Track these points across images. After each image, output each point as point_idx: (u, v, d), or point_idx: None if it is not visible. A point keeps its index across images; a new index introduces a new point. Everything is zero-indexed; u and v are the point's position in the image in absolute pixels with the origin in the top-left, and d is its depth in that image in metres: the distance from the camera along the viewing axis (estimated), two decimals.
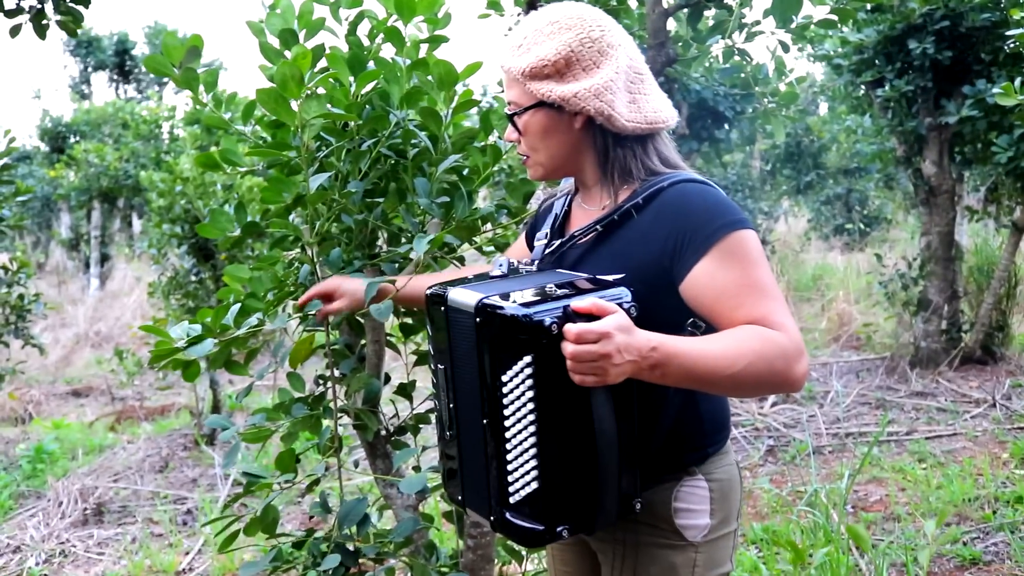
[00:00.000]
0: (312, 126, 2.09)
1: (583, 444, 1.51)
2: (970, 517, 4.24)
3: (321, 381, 2.43)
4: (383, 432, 2.55)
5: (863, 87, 7.56)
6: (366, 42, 2.31)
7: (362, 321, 2.49)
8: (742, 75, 3.03)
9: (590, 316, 1.41)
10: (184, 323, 2.15)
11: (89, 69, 24.41)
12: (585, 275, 1.62)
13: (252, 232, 2.35)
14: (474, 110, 2.40)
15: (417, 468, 2.46)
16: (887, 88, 6.97)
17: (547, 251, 1.79)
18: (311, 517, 2.28)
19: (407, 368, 2.58)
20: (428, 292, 1.69)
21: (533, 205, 2.43)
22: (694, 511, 1.68)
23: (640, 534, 1.68)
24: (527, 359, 1.44)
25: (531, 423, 1.48)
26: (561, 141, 1.70)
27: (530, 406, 1.47)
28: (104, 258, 15.64)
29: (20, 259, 6.61)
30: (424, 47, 2.30)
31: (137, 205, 16.26)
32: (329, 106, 2.13)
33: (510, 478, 1.51)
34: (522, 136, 1.74)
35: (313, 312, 2.28)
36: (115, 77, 24.32)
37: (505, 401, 1.48)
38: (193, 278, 6.39)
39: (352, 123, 2.18)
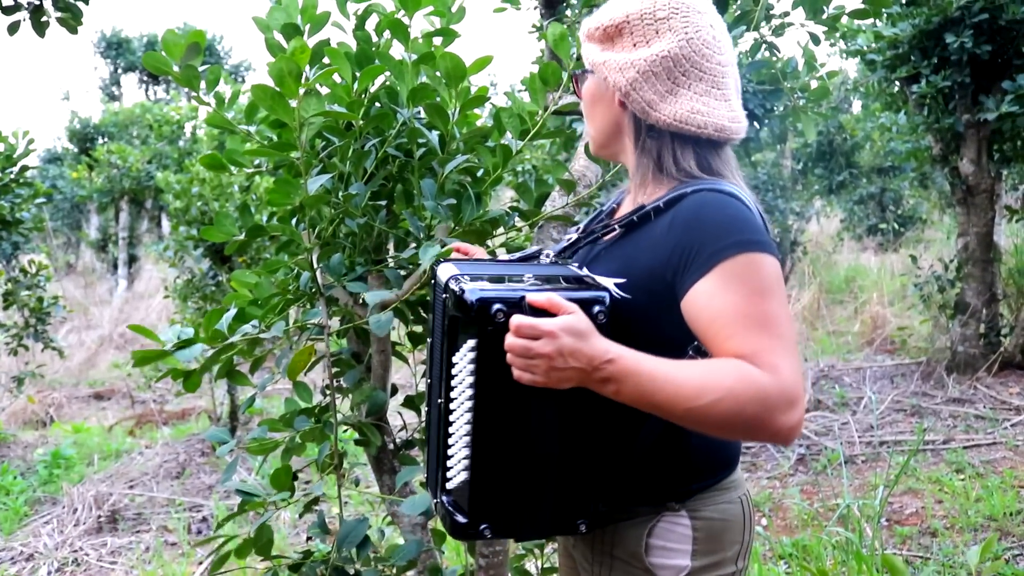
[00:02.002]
0: (311, 125, 1.97)
1: (520, 445, 1.45)
2: (1012, 532, 4.05)
3: (327, 392, 2.32)
4: (390, 446, 2.43)
5: (898, 83, 7.36)
6: (375, 38, 2.20)
7: (368, 329, 2.37)
8: (771, 70, 2.88)
9: (546, 312, 1.34)
10: (176, 326, 2.05)
11: (119, 71, 24.59)
12: (582, 273, 1.53)
13: (257, 236, 2.25)
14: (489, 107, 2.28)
15: (424, 484, 2.34)
16: (923, 84, 6.77)
17: (566, 244, 1.71)
18: (309, 538, 2.16)
19: (415, 379, 2.46)
20: (431, 265, 1.67)
21: (548, 207, 2.30)
22: (671, 550, 1.53)
23: (614, 569, 1.56)
24: (471, 343, 1.39)
25: (469, 410, 1.42)
26: (604, 114, 1.62)
27: (469, 391, 1.42)
28: (132, 259, 15.70)
29: (39, 262, 6.57)
30: (436, 42, 2.18)
31: (165, 206, 16.32)
32: (329, 104, 2.02)
33: (449, 463, 1.47)
34: (580, 99, 1.68)
35: (313, 322, 2.17)
36: (145, 79, 24.48)
37: (452, 383, 1.44)
38: (210, 281, 6.32)
39: (356, 122, 2.07)
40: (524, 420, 1.44)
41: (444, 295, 1.47)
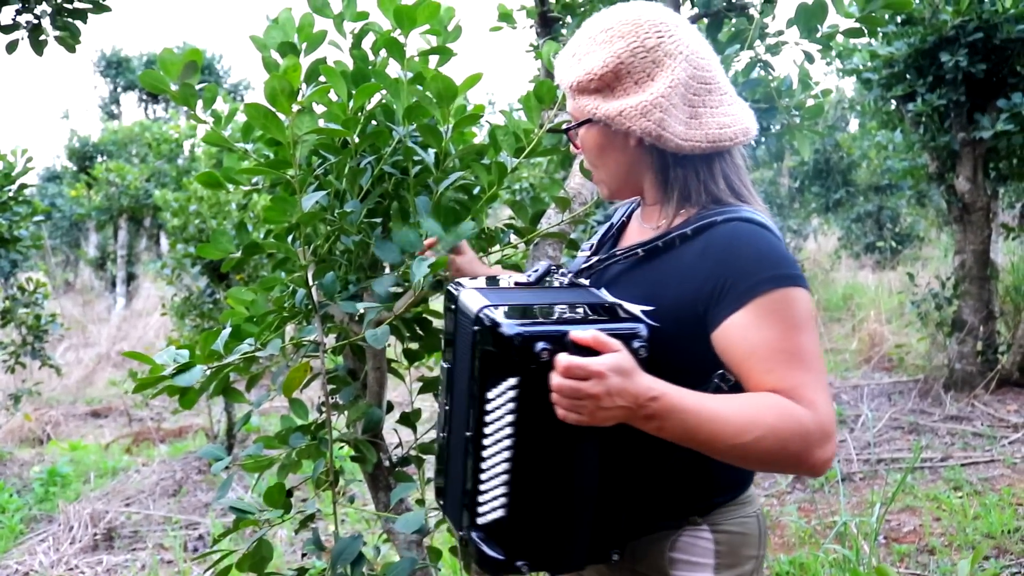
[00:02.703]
0: (305, 142, 1.98)
1: (560, 482, 1.43)
2: (1010, 550, 4.04)
3: (323, 409, 2.32)
4: (385, 463, 2.43)
5: (894, 102, 7.39)
6: (372, 56, 2.21)
7: (364, 346, 2.37)
8: (766, 89, 2.90)
9: (589, 349, 1.29)
10: (171, 348, 2.04)
11: (118, 89, 24.67)
12: (611, 300, 1.49)
13: (253, 253, 2.25)
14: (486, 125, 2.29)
15: (421, 502, 2.34)
16: (919, 102, 6.80)
17: (584, 265, 1.68)
18: (303, 555, 2.15)
19: (411, 395, 2.46)
20: (447, 287, 1.61)
21: (543, 224, 2.31)
22: (694, 564, 1.53)
23: None
24: (512, 381, 1.35)
25: (507, 448, 1.38)
26: (618, 159, 1.57)
27: (508, 430, 1.37)
28: (130, 277, 15.70)
29: (37, 280, 6.57)
30: (432, 60, 2.20)
31: (163, 224, 16.34)
32: (325, 122, 2.03)
33: (480, 499, 1.42)
34: (580, 151, 1.63)
35: (309, 339, 2.17)
36: (144, 97, 24.55)
37: (487, 419, 1.39)
38: (207, 298, 6.32)
39: (352, 139, 2.08)
40: (564, 457, 1.41)
41: (475, 327, 1.41)
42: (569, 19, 2.77)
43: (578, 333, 1.31)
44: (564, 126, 1.62)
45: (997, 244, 9.13)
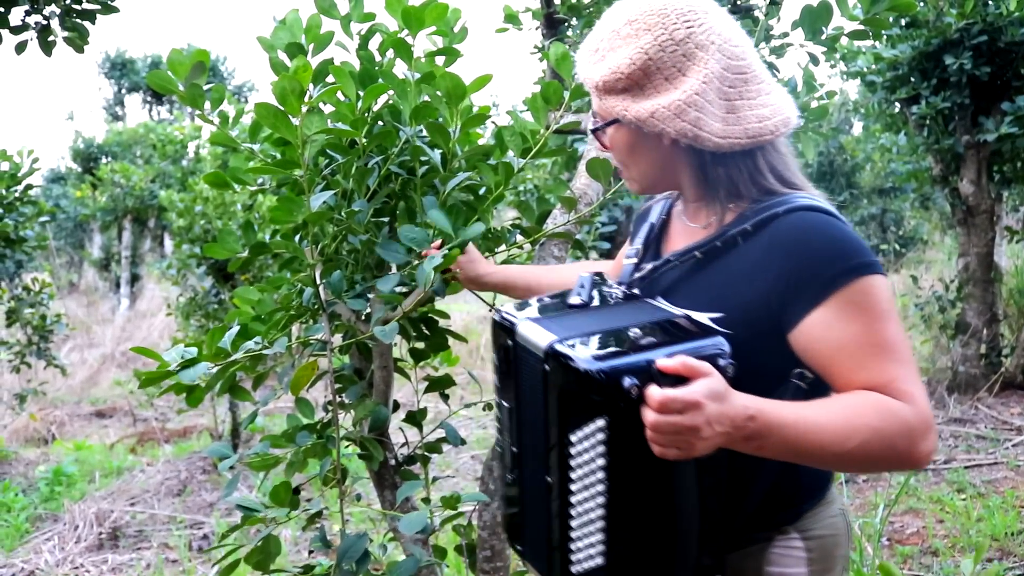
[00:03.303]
0: (314, 142, 1.99)
1: (659, 519, 1.32)
2: (1013, 552, 4.04)
3: (329, 408, 2.33)
4: (391, 462, 2.44)
5: (898, 104, 7.40)
6: (378, 57, 2.22)
7: (371, 345, 2.39)
8: None
9: (678, 377, 1.19)
10: (179, 346, 2.06)
11: (123, 91, 24.71)
12: (679, 312, 1.37)
13: (260, 253, 2.26)
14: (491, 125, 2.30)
15: (426, 500, 2.35)
16: (923, 105, 6.80)
17: (637, 274, 1.57)
18: (311, 552, 2.16)
19: (417, 395, 2.47)
20: (495, 317, 1.48)
21: (549, 225, 2.32)
22: (790, 575, 1.46)
23: None
24: (600, 422, 1.24)
25: (600, 493, 1.27)
26: (651, 158, 1.47)
27: (600, 475, 1.26)
28: (135, 278, 15.73)
29: (42, 280, 6.59)
30: (439, 61, 2.21)
31: (168, 225, 16.36)
32: (333, 122, 2.05)
33: (572, 546, 1.31)
34: (609, 151, 1.55)
35: (315, 338, 2.18)
36: (148, 99, 24.59)
37: (572, 463, 1.27)
38: (213, 299, 6.33)
39: (360, 140, 2.09)
40: (662, 493, 1.31)
41: (546, 366, 1.29)
42: (575, 20, 2.79)
43: (664, 362, 1.20)
44: (591, 126, 1.53)
45: (1001, 247, 9.12)
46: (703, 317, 1.33)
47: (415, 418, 2.45)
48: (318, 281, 2.17)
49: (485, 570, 2.40)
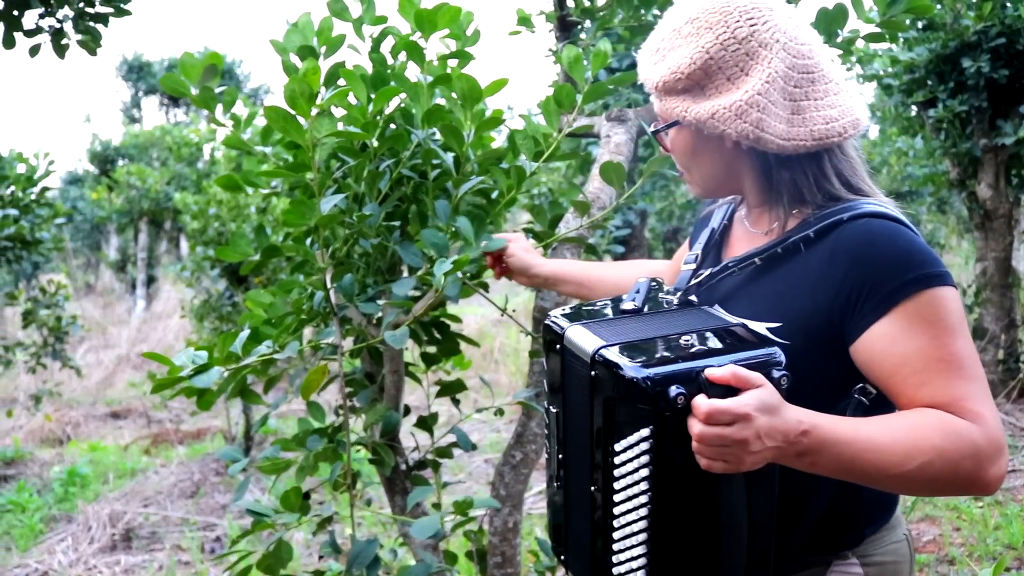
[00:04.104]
0: (324, 145, 1.99)
1: (705, 534, 1.27)
2: None
3: (340, 411, 2.33)
4: (402, 467, 2.43)
5: (914, 108, 7.35)
6: (391, 60, 2.22)
7: (382, 349, 2.38)
8: None
9: (728, 387, 1.14)
10: (190, 350, 2.05)
11: (140, 94, 24.86)
12: (735, 321, 1.33)
13: (271, 256, 2.26)
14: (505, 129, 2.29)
15: (437, 506, 2.34)
16: (940, 108, 6.75)
17: (694, 281, 1.52)
18: (321, 557, 2.16)
19: (428, 399, 2.47)
20: (546, 322, 1.44)
21: (562, 229, 2.30)
22: None
23: None
24: (644, 432, 1.19)
25: (643, 505, 1.23)
26: (713, 160, 1.43)
27: (643, 486, 1.22)
28: (151, 280, 15.80)
29: (58, 282, 6.63)
30: (452, 64, 2.20)
31: (183, 227, 16.44)
32: (344, 125, 2.04)
33: (614, 559, 1.27)
34: (671, 153, 1.50)
35: (326, 341, 2.18)
36: (165, 101, 24.73)
37: (616, 473, 1.24)
38: (226, 301, 6.35)
39: (371, 143, 2.08)
40: (709, 507, 1.26)
41: (592, 372, 1.26)
42: (588, 23, 2.77)
43: (714, 371, 1.16)
44: (651, 128, 1.49)
45: (1019, 252, 9.05)
46: (760, 326, 1.29)
47: (426, 423, 2.45)
48: (329, 285, 2.16)
49: None
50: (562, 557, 1.50)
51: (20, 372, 8.57)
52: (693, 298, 1.48)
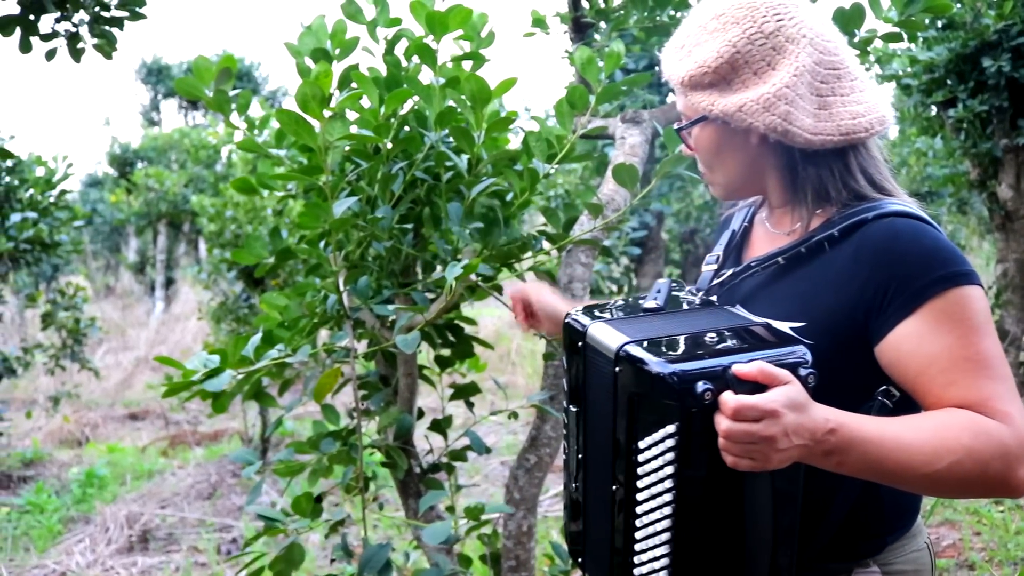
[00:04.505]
0: (336, 148, 1.98)
1: (729, 534, 1.25)
2: None
3: (353, 415, 2.32)
4: (416, 470, 2.42)
5: (934, 108, 7.28)
6: (405, 62, 2.21)
7: (395, 352, 2.37)
8: None
9: (755, 384, 1.13)
10: (202, 353, 2.05)
11: (159, 97, 25.00)
12: (758, 320, 1.31)
13: (285, 258, 2.27)
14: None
15: (451, 509, 2.33)
16: (960, 108, 6.69)
17: (716, 281, 1.51)
18: (333, 560, 2.15)
19: (442, 402, 2.46)
20: (566, 320, 1.43)
21: (576, 231, 2.29)
22: None
23: None
24: (670, 428, 1.17)
25: (666, 504, 1.21)
26: (737, 159, 1.42)
27: (667, 484, 1.20)
28: (169, 282, 15.88)
29: (76, 284, 6.67)
30: (466, 66, 2.19)
31: (202, 230, 16.50)
32: (357, 128, 2.04)
33: (635, 560, 1.25)
34: (694, 152, 1.49)
35: (340, 345, 2.17)
36: (184, 105, 24.86)
37: (639, 471, 1.21)
38: (243, 303, 6.37)
39: (383, 145, 2.08)
40: (733, 507, 1.24)
41: (616, 368, 1.24)
42: (603, 24, 2.76)
43: (741, 367, 1.14)
44: (676, 125, 1.48)
45: None
46: (783, 326, 1.27)
47: (440, 426, 2.44)
48: (342, 287, 2.16)
49: None
50: (580, 560, 1.48)
51: (39, 374, 8.63)
52: (714, 299, 1.47)
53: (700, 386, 1.14)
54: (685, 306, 1.44)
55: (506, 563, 2.37)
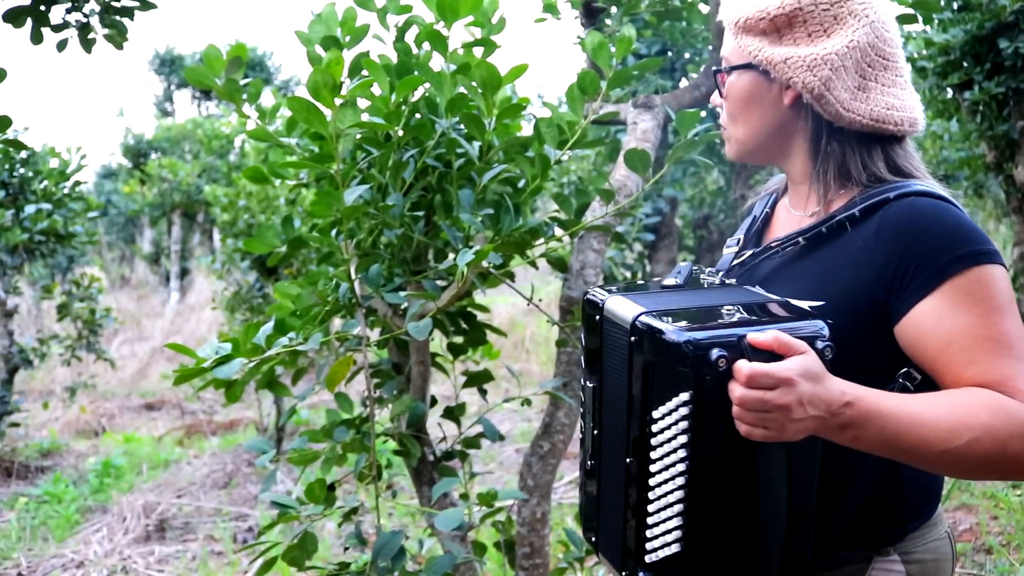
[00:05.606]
0: (347, 136, 1.98)
1: (742, 508, 1.23)
2: None
3: (366, 403, 2.33)
4: (430, 458, 2.42)
5: (949, 90, 7.21)
6: (415, 49, 2.20)
7: (408, 340, 2.37)
8: None
9: (770, 353, 1.12)
10: (214, 341, 2.06)
11: (172, 87, 25.05)
12: (776, 298, 1.31)
13: (297, 247, 2.27)
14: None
15: (465, 496, 2.33)
16: (976, 91, 6.62)
17: (735, 261, 1.51)
18: (346, 548, 2.16)
19: (455, 390, 2.46)
20: (586, 296, 1.43)
21: (588, 217, 2.28)
22: None
23: None
24: (684, 396, 1.17)
25: (680, 474, 1.20)
26: (764, 116, 1.41)
27: (681, 453, 1.19)
28: (184, 272, 15.94)
29: (91, 275, 6.70)
30: (477, 53, 2.18)
31: (215, 219, 16.54)
32: (369, 116, 2.03)
33: (649, 533, 1.24)
34: (724, 100, 1.46)
35: (352, 333, 2.17)
36: (197, 95, 24.89)
37: (653, 442, 1.21)
38: (257, 293, 6.39)
39: (395, 133, 2.07)
40: (748, 479, 1.22)
41: (632, 338, 1.24)
42: (614, 9, 2.74)
43: (757, 335, 1.13)
44: (715, 67, 1.47)
45: None
46: (802, 304, 1.26)
47: (453, 413, 2.44)
48: (354, 276, 2.15)
49: (524, 567, 2.37)
50: (593, 539, 1.48)
51: (56, 365, 8.68)
52: (733, 280, 1.46)
53: (715, 353, 1.13)
54: (705, 285, 1.44)
55: (520, 550, 2.37)
